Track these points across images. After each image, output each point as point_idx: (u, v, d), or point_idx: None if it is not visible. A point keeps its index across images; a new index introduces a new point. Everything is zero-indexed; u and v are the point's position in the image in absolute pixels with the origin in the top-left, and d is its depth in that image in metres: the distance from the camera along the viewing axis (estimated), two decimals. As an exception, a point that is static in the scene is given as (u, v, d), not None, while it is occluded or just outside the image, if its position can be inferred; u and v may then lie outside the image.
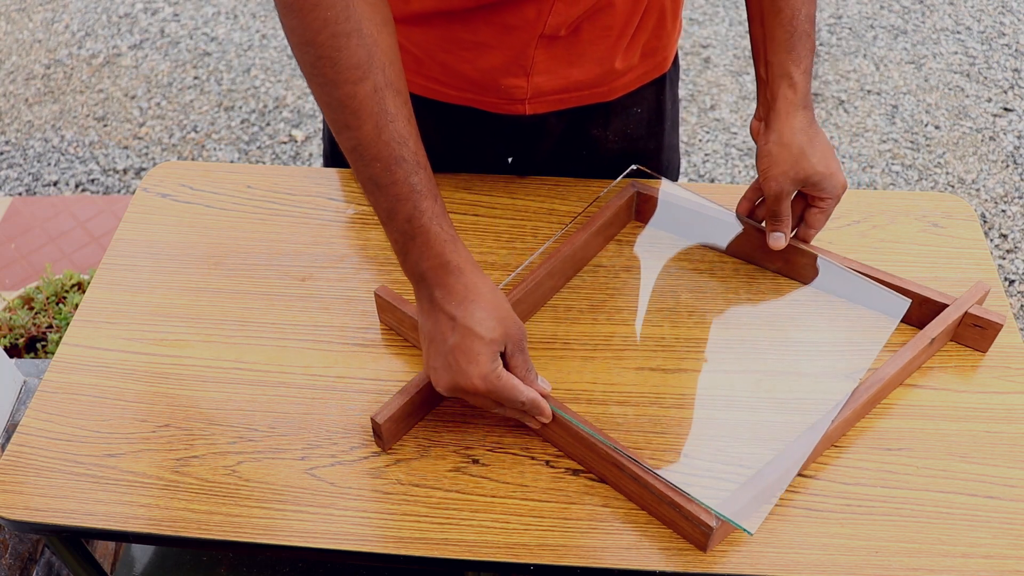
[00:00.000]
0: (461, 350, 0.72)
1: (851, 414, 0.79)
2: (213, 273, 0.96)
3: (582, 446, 0.77)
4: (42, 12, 2.98)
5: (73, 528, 0.76)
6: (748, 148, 2.43)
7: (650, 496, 0.74)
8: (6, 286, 1.96)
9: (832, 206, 0.90)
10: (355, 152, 0.71)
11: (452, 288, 0.73)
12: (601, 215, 0.96)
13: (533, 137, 1.02)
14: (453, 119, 0.99)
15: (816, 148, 0.86)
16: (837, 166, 0.88)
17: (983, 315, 0.86)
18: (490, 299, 0.73)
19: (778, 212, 0.89)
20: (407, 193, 0.71)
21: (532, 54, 0.90)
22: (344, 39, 0.67)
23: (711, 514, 0.70)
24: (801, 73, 0.86)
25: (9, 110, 2.62)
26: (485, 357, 0.72)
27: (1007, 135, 2.46)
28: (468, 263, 0.74)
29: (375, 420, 0.77)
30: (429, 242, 0.72)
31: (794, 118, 0.86)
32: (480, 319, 0.72)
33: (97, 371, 0.87)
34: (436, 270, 0.73)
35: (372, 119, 0.69)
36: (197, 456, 0.80)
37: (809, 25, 0.86)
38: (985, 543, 0.74)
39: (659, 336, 0.90)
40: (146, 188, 1.07)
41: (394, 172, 0.70)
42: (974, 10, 2.93)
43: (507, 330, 0.73)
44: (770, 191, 0.88)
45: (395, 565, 0.74)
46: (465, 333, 0.72)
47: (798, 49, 0.86)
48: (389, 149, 0.70)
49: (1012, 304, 2.05)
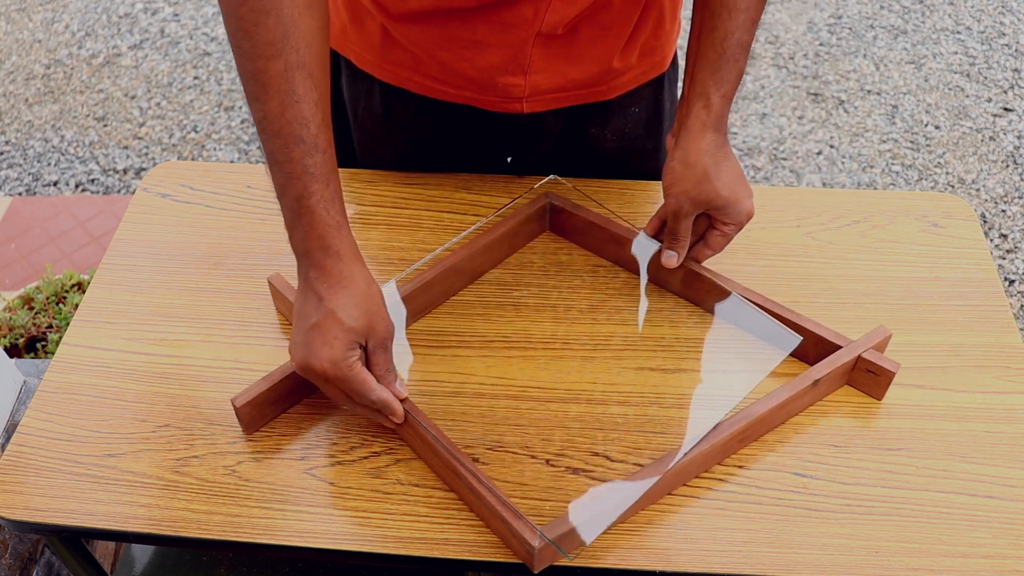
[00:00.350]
0: (319, 330, 0.73)
1: (710, 448, 0.76)
2: (213, 273, 0.96)
3: (430, 453, 0.77)
4: (42, 12, 2.98)
5: (73, 528, 0.76)
6: (748, 148, 2.43)
7: (485, 510, 0.73)
8: (6, 286, 1.96)
9: (734, 231, 0.88)
10: (260, 125, 0.73)
11: (328, 271, 0.74)
12: (505, 223, 0.95)
13: (531, 136, 1.02)
14: (452, 118, 0.99)
15: (722, 172, 0.84)
16: (746, 193, 0.86)
17: (876, 360, 0.82)
18: (362, 290, 0.75)
19: (675, 231, 0.87)
20: (299, 173, 0.72)
21: (530, 52, 0.91)
22: (263, 15, 0.69)
23: (535, 533, 0.69)
24: (720, 96, 0.84)
25: (9, 110, 2.62)
26: (340, 343, 0.72)
27: (1007, 135, 2.46)
28: (349, 251, 0.75)
29: (234, 403, 0.78)
30: (313, 223, 0.73)
31: (703, 139, 0.84)
32: (344, 305, 0.73)
33: (97, 371, 0.87)
34: (316, 251, 0.74)
35: (278, 96, 0.71)
36: (197, 456, 0.80)
37: (740, 52, 0.84)
38: (985, 543, 0.74)
39: (659, 336, 0.90)
40: (146, 188, 1.07)
41: (291, 151, 0.72)
42: (974, 10, 2.93)
43: (371, 324, 0.74)
44: (669, 208, 0.86)
45: (395, 565, 0.74)
46: (327, 315, 0.73)
47: (723, 71, 0.84)
48: (290, 128, 0.71)
49: (1012, 304, 2.05)
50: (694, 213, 0.86)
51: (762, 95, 2.61)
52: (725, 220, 0.87)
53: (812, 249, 0.99)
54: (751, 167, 2.38)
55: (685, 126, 0.86)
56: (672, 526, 0.75)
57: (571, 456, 0.80)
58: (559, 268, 0.97)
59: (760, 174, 2.36)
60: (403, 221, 1.02)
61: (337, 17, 0.97)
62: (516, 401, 0.84)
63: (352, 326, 0.73)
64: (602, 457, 0.79)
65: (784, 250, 0.99)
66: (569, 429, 0.82)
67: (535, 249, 0.99)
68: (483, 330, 0.90)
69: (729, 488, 0.78)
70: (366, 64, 0.98)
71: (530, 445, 0.80)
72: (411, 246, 0.99)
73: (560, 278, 0.96)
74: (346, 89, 1.04)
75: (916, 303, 0.93)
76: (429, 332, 0.90)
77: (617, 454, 0.79)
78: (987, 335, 0.90)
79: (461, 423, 0.82)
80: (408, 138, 1.04)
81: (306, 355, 0.73)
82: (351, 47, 0.98)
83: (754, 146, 2.44)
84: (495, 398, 0.84)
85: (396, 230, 1.00)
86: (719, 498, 0.77)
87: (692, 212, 0.86)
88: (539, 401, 0.84)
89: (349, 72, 1.02)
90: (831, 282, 0.95)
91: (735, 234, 0.89)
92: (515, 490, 0.77)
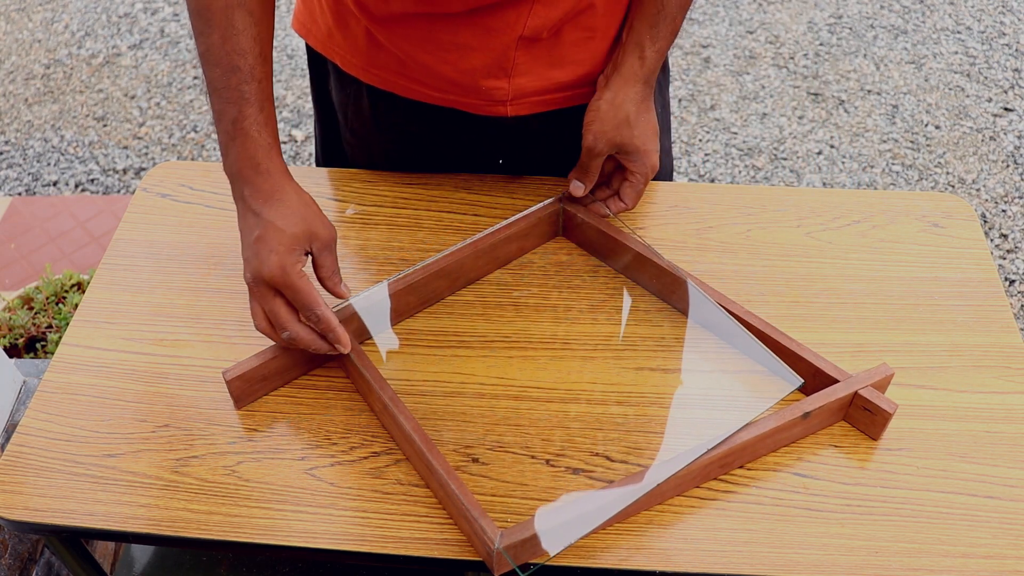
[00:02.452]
0: (263, 241, 0.77)
1: (686, 472, 0.74)
2: (213, 273, 0.96)
3: (411, 450, 0.77)
4: (42, 12, 2.98)
5: (73, 528, 0.76)
6: (748, 148, 2.43)
7: (452, 507, 0.74)
8: (6, 286, 1.96)
9: (641, 182, 0.94)
10: (203, 57, 0.79)
11: (260, 187, 0.79)
12: (515, 225, 0.95)
13: (517, 139, 1.02)
14: (438, 121, 0.99)
15: (640, 121, 0.90)
16: (654, 148, 0.92)
17: (873, 399, 0.78)
18: (295, 199, 0.80)
19: (587, 166, 0.93)
20: (236, 99, 0.78)
21: (513, 56, 0.91)
22: None
23: (494, 536, 0.69)
24: (654, 51, 0.89)
25: (9, 110, 2.62)
26: (284, 248, 0.77)
27: (1007, 135, 2.46)
28: (278, 169, 0.80)
29: (225, 376, 0.81)
30: (246, 144, 0.78)
31: (631, 87, 0.90)
32: (282, 214, 0.78)
33: (97, 371, 0.87)
34: (247, 170, 0.79)
35: (220, 30, 0.77)
36: (197, 456, 0.80)
37: (677, 11, 0.89)
38: (985, 543, 0.74)
39: (659, 336, 0.90)
40: (146, 188, 1.07)
41: (229, 78, 0.78)
42: (974, 10, 2.93)
43: (311, 228, 0.79)
44: (586, 144, 0.91)
45: (395, 565, 0.74)
46: (266, 226, 0.78)
47: (660, 27, 0.89)
48: (229, 59, 0.77)
49: (1012, 304, 2.05)
50: (607, 153, 0.92)
51: (762, 95, 2.61)
52: (633, 168, 0.93)
53: (812, 249, 0.99)
54: (751, 167, 2.38)
55: (618, 72, 0.90)
56: (672, 526, 0.75)
57: (571, 456, 0.79)
58: (559, 268, 0.97)
59: (760, 174, 2.36)
60: (403, 221, 1.02)
61: (323, 20, 0.97)
62: (516, 401, 0.84)
63: (293, 232, 0.78)
64: (602, 457, 0.79)
65: (784, 250, 0.99)
66: (569, 429, 0.82)
67: (535, 249, 0.99)
68: (483, 330, 0.90)
69: (729, 488, 0.78)
70: (352, 68, 0.98)
71: (530, 445, 0.80)
72: (411, 246, 0.99)
73: (560, 278, 0.96)
74: (335, 92, 1.04)
75: (916, 303, 0.93)
76: (429, 332, 0.90)
77: (617, 454, 0.79)
78: (987, 335, 0.90)
79: (461, 423, 0.82)
80: (398, 140, 1.04)
81: (256, 266, 0.78)
82: (337, 51, 0.98)
83: (754, 146, 2.44)
84: (495, 398, 0.84)
85: (396, 230, 1.00)
86: (719, 498, 0.77)
87: (605, 152, 0.91)
88: (539, 401, 0.84)
89: (337, 76, 1.02)
90: (831, 282, 0.95)
91: (643, 185, 0.95)
92: (515, 490, 0.77)
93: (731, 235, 1.00)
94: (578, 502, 0.73)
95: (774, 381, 0.84)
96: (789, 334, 0.85)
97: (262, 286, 0.78)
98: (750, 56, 2.75)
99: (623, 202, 0.96)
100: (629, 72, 0.90)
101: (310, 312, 0.78)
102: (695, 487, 0.78)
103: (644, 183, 0.94)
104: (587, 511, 0.72)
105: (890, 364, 0.83)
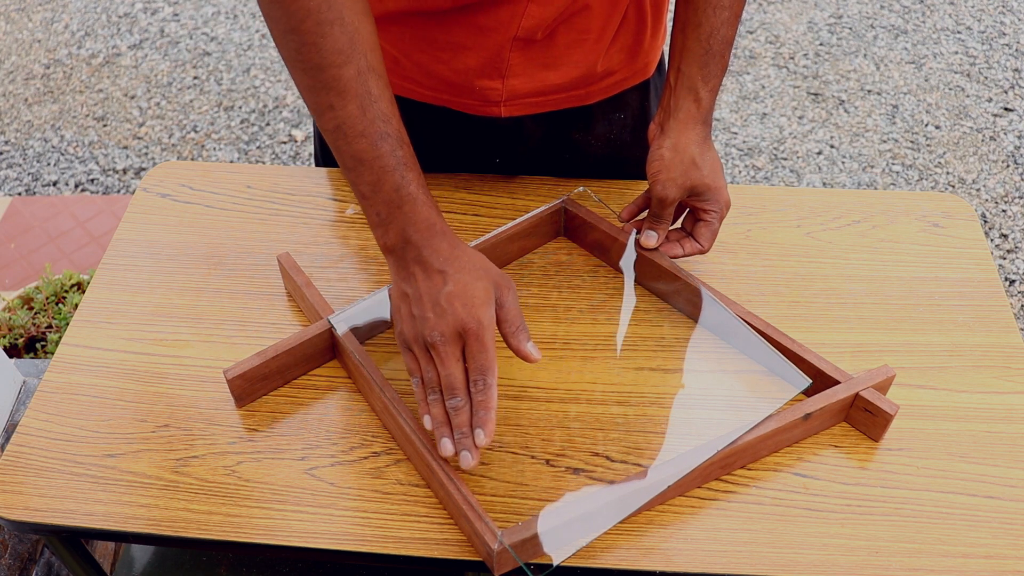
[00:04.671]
0: (457, 296, 0.73)
1: (687, 475, 0.74)
2: (213, 273, 0.96)
3: (411, 449, 0.77)
4: (42, 12, 2.98)
5: (73, 528, 0.76)
6: (748, 148, 2.43)
7: (452, 507, 0.73)
8: (6, 286, 1.96)
9: (716, 220, 0.90)
10: (339, 131, 0.74)
11: (439, 248, 0.75)
12: (518, 226, 0.94)
13: (511, 140, 1.02)
14: (432, 120, 0.99)
15: (707, 161, 0.88)
16: (724, 184, 0.90)
17: (875, 400, 0.78)
18: (475, 255, 0.77)
19: (660, 215, 0.90)
20: (394, 165, 0.74)
21: (507, 56, 0.91)
22: (328, 27, 0.71)
23: (495, 536, 0.69)
24: (708, 91, 0.87)
25: (9, 110, 2.62)
26: (480, 301, 0.73)
27: (1007, 135, 2.46)
28: (450, 228, 0.78)
29: (226, 375, 0.80)
30: (417, 208, 0.75)
31: (692, 130, 0.87)
32: (469, 270, 0.75)
33: (97, 371, 0.87)
34: (424, 232, 0.75)
35: (356, 99, 0.73)
36: (197, 456, 0.80)
37: (724, 47, 0.87)
38: (985, 543, 0.74)
39: (659, 336, 0.90)
40: (146, 188, 1.07)
41: (379, 147, 0.74)
42: (974, 10, 2.93)
43: (496, 280, 0.76)
44: (656, 194, 0.88)
45: (395, 565, 0.74)
46: (458, 282, 0.74)
47: (710, 67, 0.87)
48: (374, 126, 0.73)
49: (1012, 304, 2.05)
50: (679, 199, 0.89)
51: (762, 95, 2.61)
52: (707, 207, 0.90)
53: (812, 249, 0.99)
54: (751, 167, 2.38)
55: (675, 117, 0.88)
56: (672, 526, 0.75)
57: (571, 456, 0.79)
58: (559, 268, 0.97)
59: (760, 174, 2.36)
60: (403, 221, 1.01)
61: None
62: (516, 401, 0.84)
63: (486, 285, 0.74)
64: (602, 457, 0.79)
65: (784, 250, 0.99)
66: (569, 429, 0.82)
67: (536, 249, 0.99)
68: (483, 330, 0.90)
69: (729, 488, 0.78)
70: None
71: (530, 445, 0.80)
72: (411, 246, 0.98)
73: (560, 278, 0.96)
74: None
75: (916, 303, 0.93)
76: (429, 332, 0.90)
77: (617, 454, 0.79)
78: (987, 335, 0.90)
79: (461, 423, 0.82)
80: None
81: (452, 322, 0.72)
82: None
83: (754, 146, 2.44)
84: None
85: (396, 230, 1.00)
86: (719, 498, 0.77)
87: (677, 198, 0.89)
88: (539, 401, 0.84)
89: None
90: (831, 282, 0.95)
91: (718, 224, 0.90)
92: (515, 490, 0.77)
93: (731, 235, 1.00)
94: (581, 502, 0.73)
95: (775, 382, 0.84)
96: (789, 334, 0.85)
97: (451, 344, 0.73)
98: (750, 56, 2.75)
99: (699, 243, 0.91)
100: (687, 116, 0.87)
101: (483, 376, 0.72)
102: (696, 487, 0.78)
103: (719, 221, 0.90)
104: (589, 512, 0.72)
105: (890, 364, 0.83)
